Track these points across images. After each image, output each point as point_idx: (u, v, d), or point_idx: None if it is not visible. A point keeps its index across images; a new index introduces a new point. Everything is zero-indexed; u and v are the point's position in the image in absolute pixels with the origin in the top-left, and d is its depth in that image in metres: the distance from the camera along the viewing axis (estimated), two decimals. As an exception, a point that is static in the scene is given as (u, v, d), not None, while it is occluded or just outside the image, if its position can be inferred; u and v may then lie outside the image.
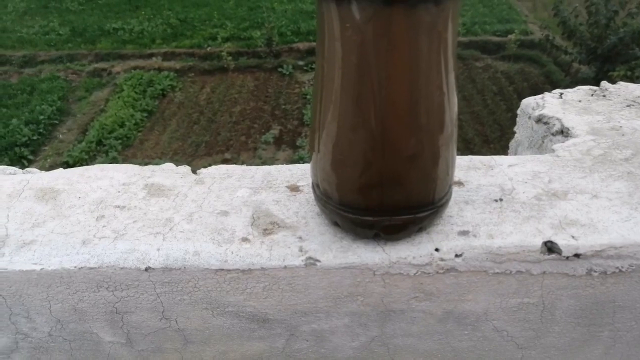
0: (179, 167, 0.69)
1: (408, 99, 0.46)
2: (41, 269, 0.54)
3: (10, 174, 0.70)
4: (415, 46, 0.44)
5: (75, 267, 0.54)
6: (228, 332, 0.59)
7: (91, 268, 0.54)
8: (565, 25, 7.45)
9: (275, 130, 7.18)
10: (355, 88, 0.46)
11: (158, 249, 0.55)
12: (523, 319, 0.58)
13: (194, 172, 0.68)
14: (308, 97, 7.74)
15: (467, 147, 6.28)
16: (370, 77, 0.45)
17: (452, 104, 0.50)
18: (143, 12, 10.20)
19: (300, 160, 6.45)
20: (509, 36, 8.74)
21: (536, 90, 7.74)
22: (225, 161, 6.58)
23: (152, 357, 0.62)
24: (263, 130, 7.20)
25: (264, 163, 6.55)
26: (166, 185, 0.65)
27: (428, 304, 0.57)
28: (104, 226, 0.58)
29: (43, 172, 0.70)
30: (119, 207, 0.61)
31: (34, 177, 0.67)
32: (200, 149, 6.90)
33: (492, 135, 6.82)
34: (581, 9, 7.36)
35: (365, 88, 0.46)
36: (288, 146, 6.92)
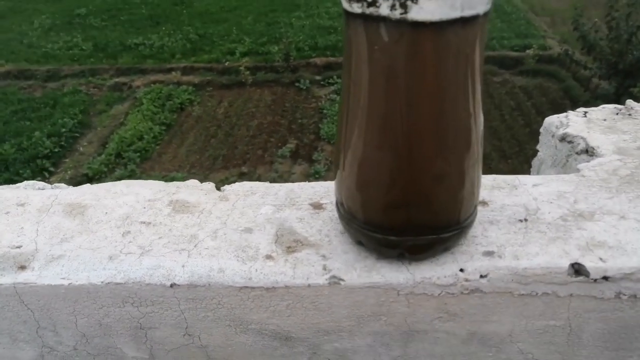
0: (203, 183, 0.70)
1: (435, 120, 0.46)
2: (69, 283, 0.55)
3: (39, 189, 0.71)
4: (443, 68, 0.44)
5: (102, 282, 0.55)
6: (250, 349, 0.59)
7: (117, 283, 0.55)
8: (585, 40, 7.40)
9: (291, 145, 7.23)
10: (382, 109, 0.47)
11: (183, 266, 0.56)
12: (549, 341, 0.57)
13: (218, 188, 0.69)
14: (325, 111, 7.78)
15: (485, 163, 6.23)
16: (398, 98, 0.45)
17: (479, 125, 0.50)
18: (163, 28, 10.39)
19: (317, 174, 6.47)
20: (527, 51, 8.71)
21: (555, 106, 7.69)
22: (242, 175, 6.63)
23: (175, 373, 0.63)
24: (280, 144, 7.25)
25: (280, 177, 6.60)
26: (191, 201, 0.66)
27: (452, 324, 0.56)
28: (130, 242, 0.59)
29: (71, 187, 0.71)
30: (144, 223, 0.62)
31: (63, 193, 0.68)
32: (217, 162, 6.97)
33: (509, 150, 6.77)
34: (601, 23, 7.31)
35: (392, 109, 0.46)
36: (304, 160, 6.95)
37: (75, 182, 6.53)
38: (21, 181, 0.76)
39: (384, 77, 0.45)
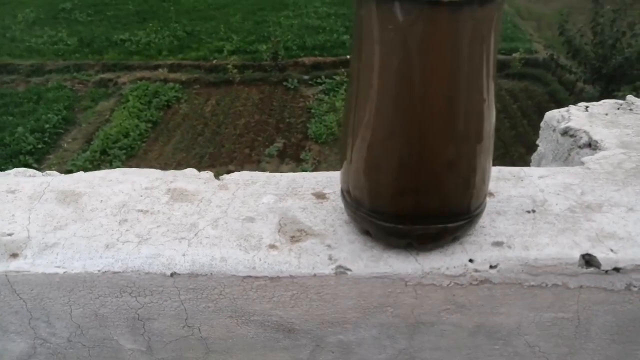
0: (202, 172, 0.68)
1: (448, 103, 0.45)
2: (64, 272, 0.53)
3: (30, 176, 0.69)
4: (458, 49, 0.43)
5: (98, 271, 0.53)
6: (252, 341, 0.58)
7: (115, 272, 0.53)
8: (570, 45, 7.47)
9: (279, 144, 7.19)
10: (393, 92, 0.45)
11: (184, 255, 0.54)
12: (557, 334, 0.56)
13: (216, 177, 0.67)
14: (312, 111, 7.75)
15: (472, 164, 6.26)
16: (411, 80, 0.44)
17: (492, 112, 0.49)
18: (151, 24, 10.28)
19: (304, 173, 6.44)
20: (514, 55, 8.77)
21: (540, 109, 7.75)
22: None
23: (171, 367, 0.60)
24: (267, 143, 7.21)
25: (267, 176, 6.55)
26: (189, 190, 0.64)
27: (459, 316, 0.55)
28: (127, 230, 0.57)
29: (63, 175, 0.69)
30: (141, 211, 0.60)
31: (55, 180, 0.66)
32: (204, 160, 6.90)
33: (495, 152, 6.80)
34: (586, 29, 7.39)
35: (405, 92, 0.45)
36: (292, 159, 6.91)
37: (58, 179, 6.41)
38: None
39: (397, 59, 0.44)
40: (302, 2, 11.43)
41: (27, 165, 6.64)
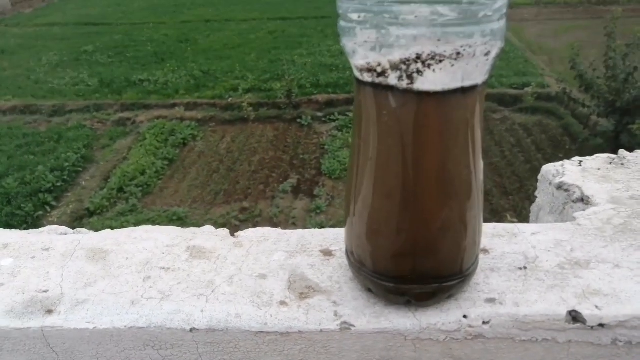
0: (218, 229, 0.74)
1: (438, 176, 0.51)
2: (94, 327, 0.58)
3: (62, 234, 0.75)
4: (445, 131, 0.49)
5: (125, 326, 0.58)
6: (263, 392, 0.62)
7: (140, 328, 0.58)
8: (582, 79, 7.53)
9: (293, 180, 7.27)
10: (388, 167, 0.51)
11: (202, 311, 0.59)
12: (550, 385, 0.60)
13: (232, 234, 0.73)
14: (326, 147, 7.86)
15: (487, 199, 6.27)
16: (404, 157, 0.50)
17: (479, 179, 0.54)
18: (168, 65, 10.60)
19: (318, 209, 6.50)
20: (526, 89, 8.86)
21: (555, 142, 7.78)
22: (244, 210, 6.67)
23: (189, 415, 0.65)
24: (281, 180, 7.30)
25: (281, 212, 6.63)
26: (207, 247, 0.69)
27: (457, 368, 0.59)
28: (150, 287, 0.63)
29: (92, 232, 0.75)
30: (164, 268, 0.66)
31: (85, 238, 0.72)
32: (219, 197, 7.00)
33: (510, 187, 6.81)
34: (599, 62, 7.46)
35: (398, 167, 0.50)
36: (305, 195, 6.98)
37: (76, 216, 6.55)
38: (23, 215, 0.79)
39: (391, 139, 0.50)
40: (316, 40, 11.74)
41: (45, 203, 6.81)
